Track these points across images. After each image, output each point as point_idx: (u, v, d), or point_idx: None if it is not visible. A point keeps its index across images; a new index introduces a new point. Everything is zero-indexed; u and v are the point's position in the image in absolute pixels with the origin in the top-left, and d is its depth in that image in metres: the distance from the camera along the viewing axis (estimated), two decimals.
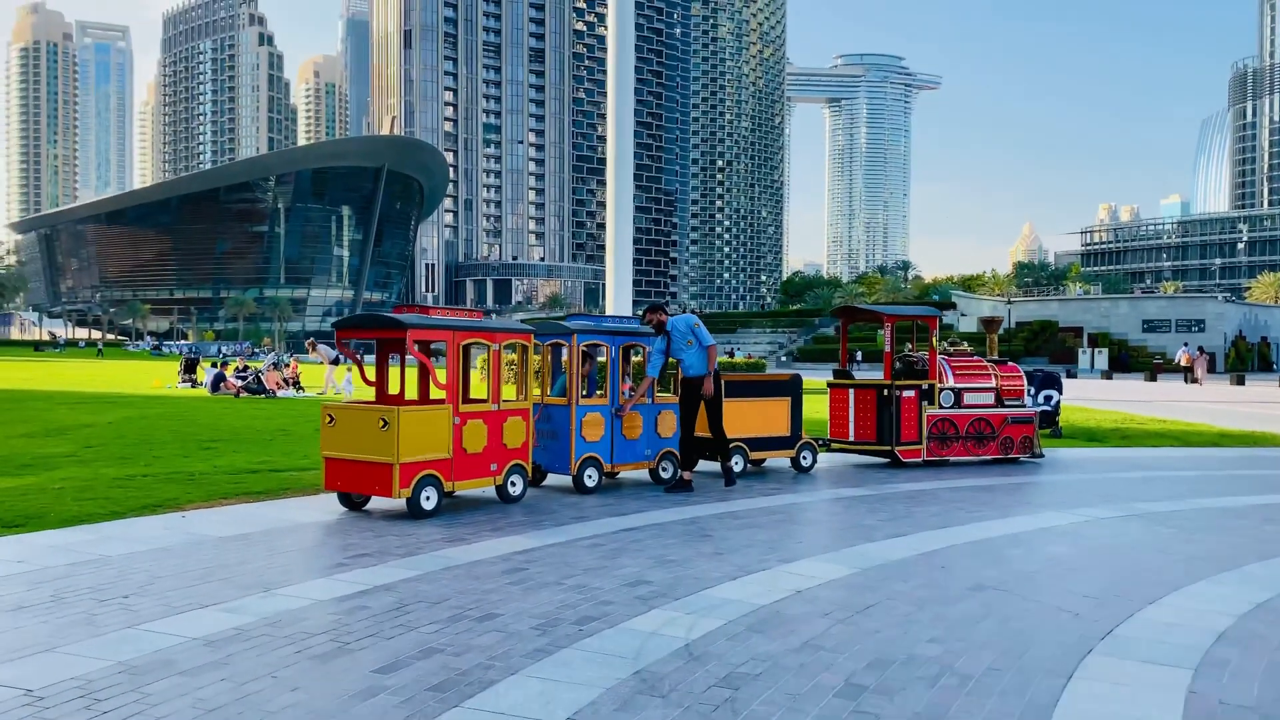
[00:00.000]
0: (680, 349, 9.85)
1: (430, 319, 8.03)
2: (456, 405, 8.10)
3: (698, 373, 9.76)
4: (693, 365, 9.82)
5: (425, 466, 7.85)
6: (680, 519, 7.99)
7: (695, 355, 9.81)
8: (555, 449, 9.36)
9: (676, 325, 9.94)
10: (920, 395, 11.73)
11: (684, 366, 9.92)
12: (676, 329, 9.89)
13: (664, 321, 9.96)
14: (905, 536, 7.37)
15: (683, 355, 9.86)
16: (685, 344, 9.82)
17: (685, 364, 9.88)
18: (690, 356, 9.83)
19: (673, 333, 9.88)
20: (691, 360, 9.83)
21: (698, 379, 9.80)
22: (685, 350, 9.83)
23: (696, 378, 9.81)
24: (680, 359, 9.91)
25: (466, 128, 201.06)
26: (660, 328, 9.91)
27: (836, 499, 9.22)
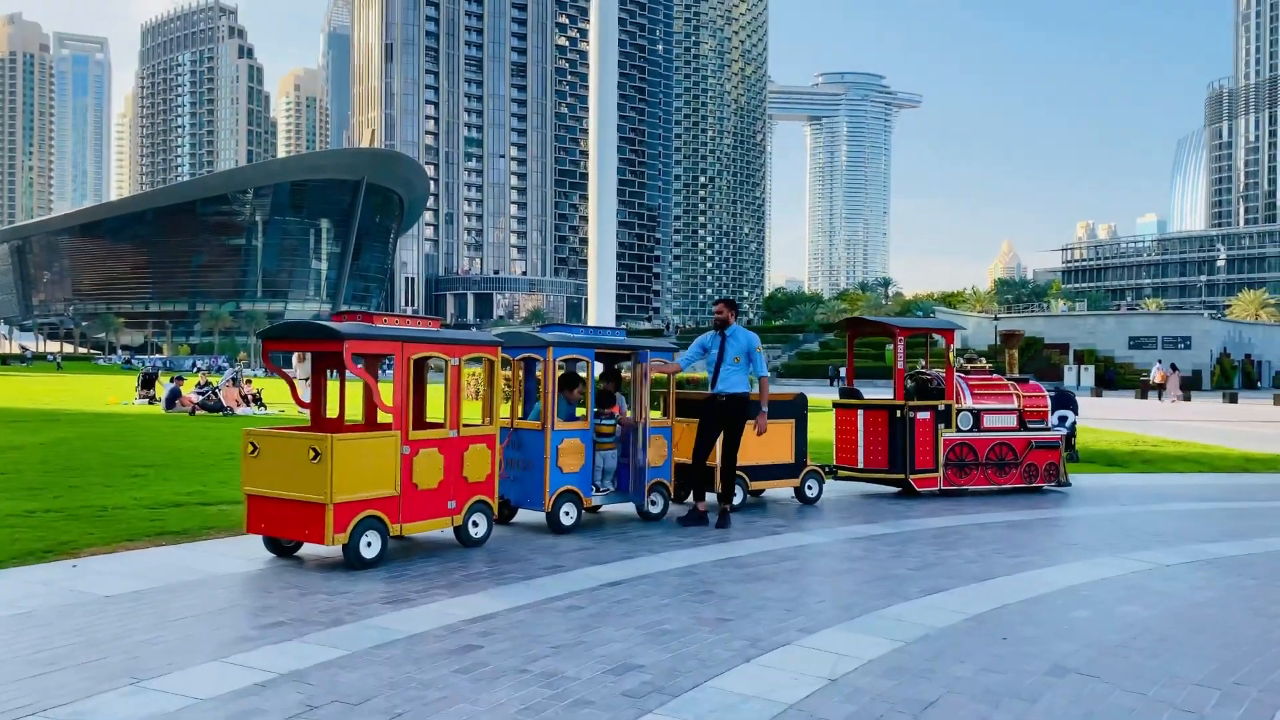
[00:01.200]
0: (725, 362, 8.69)
1: (373, 328, 6.73)
2: (406, 431, 6.79)
3: (733, 389, 8.64)
4: (729, 384, 8.66)
5: (366, 506, 6.52)
6: (673, 568, 6.69)
7: (737, 375, 8.68)
8: (527, 481, 8.05)
9: (738, 335, 8.79)
10: (936, 417, 10.50)
11: (718, 380, 8.72)
12: (736, 337, 8.75)
13: (728, 321, 8.79)
14: (945, 592, 6.10)
15: (723, 369, 8.70)
16: (734, 360, 8.66)
17: (721, 378, 8.70)
18: (731, 374, 8.68)
19: (730, 339, 8.72)
20: (730, 379, 8.67)
21: (731, 399, 8.62)
22: (730, 366, 8.68)
23: (730, 396, 8.62)
24: (718, 372, 8.75)
25: (448, 141, 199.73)
26: (721, 326, 8.77)
27: (852, 540, 7.95)
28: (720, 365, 8.75)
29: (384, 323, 6.91)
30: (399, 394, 6.77)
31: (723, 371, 8.74)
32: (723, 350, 8.76)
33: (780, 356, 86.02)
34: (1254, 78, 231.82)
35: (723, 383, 8.72)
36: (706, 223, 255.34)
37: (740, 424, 8.69)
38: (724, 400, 8.67)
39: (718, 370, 8.74)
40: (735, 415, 8.69)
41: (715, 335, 8.86)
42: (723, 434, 8.71)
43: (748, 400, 8.73)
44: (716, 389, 8.73)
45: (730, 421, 8.67)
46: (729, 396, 8.66)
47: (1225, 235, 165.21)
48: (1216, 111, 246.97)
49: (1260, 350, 77.54)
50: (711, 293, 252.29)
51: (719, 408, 8.69)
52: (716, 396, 8.72)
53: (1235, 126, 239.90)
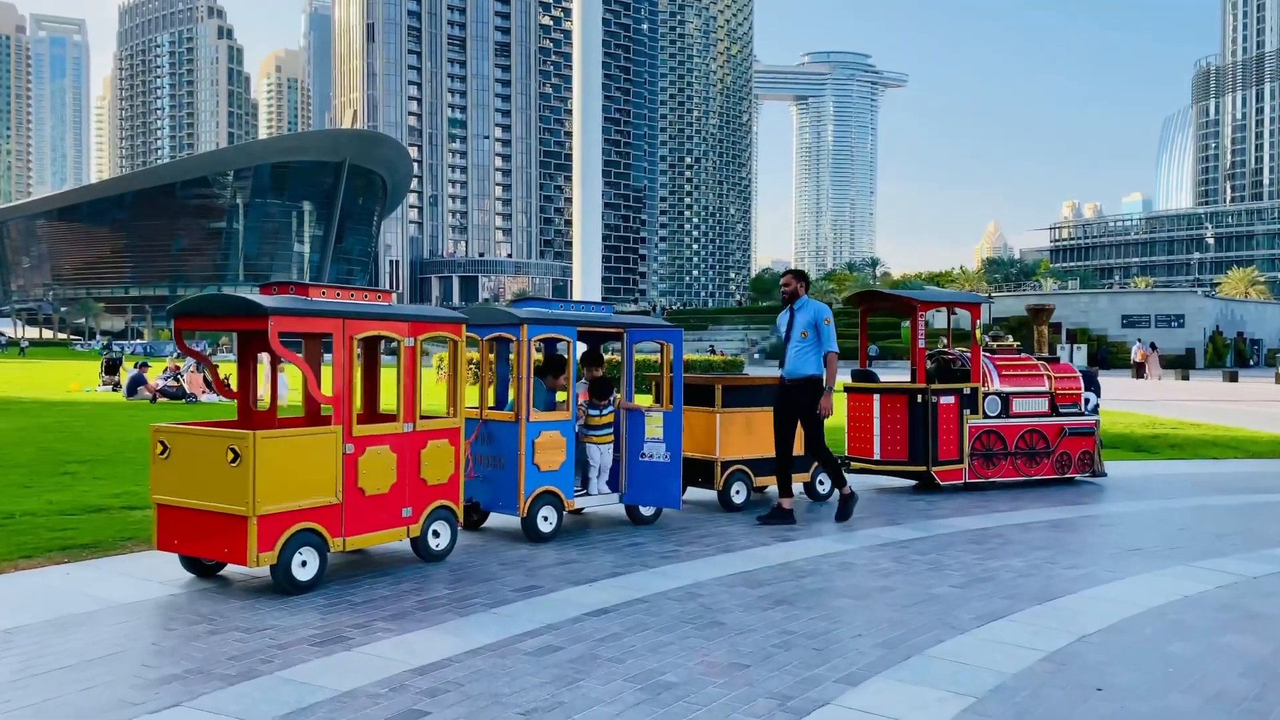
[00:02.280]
0: (793, 339, 7.78)
1: (305, 302, 5.55)
2: (348, 426, 5.63)
3: (799, 373, 7.74)
4: (796, 365, 7.76)
5: (299, 517, 5.37)
6: (673, 589, 5.56)
7: (805, 354, 7.74)
8: (499, 481, 6.90)
9: (807, 307, 7.84)
10: (960, 402, 9.39)
11: (785, 360, 7.84)
12: (804, 310, 7.82)
13: (798, 293, 7.87)
14: (1006, 619, 4.99)
15: (790, 348, 7.81)
16: (800, 335, 7.73)
17: (788, 358, 7.81)
18: (799, 352, 7.76)
19: (798, 312, 7.81)
20: (797, 359, 7.77)
21: (796, 384, 7.74)
22: (797, 343, 7.77)
23: (799, 380, 7.73)
24: (785, 351, 7.86)
25: (431, 122, 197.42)
26: (790, 299, 7.87)
27: (879, 547, 6.83)
28: (788, 343, 7.88)
29: (322, 296, 5.74)
30: (339, 381, 5.61)
31: (790, 350, 7.82)
32: (791, 326, 7.86)
33: (769, 337, 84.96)
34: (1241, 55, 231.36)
35: (790, 363, 7.81)
36: (693, 204, 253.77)
37: (814, 408, 7.74)
38: (789, 386, 7.80)
39: (786, 349, 7.85)
40: (807, 400, 7.73)
41: (786, 311, 7.97)
42: (800, 423, 7.81)
43: (819, 383, 7.74)
44: (785, 371, 7.85)
45: (803, 408, 7.75)
46: (794, 382, 7.77)
47: (1212, 213, 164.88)
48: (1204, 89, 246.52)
49: (1252, 328, 76.91)
50: (698, 274, 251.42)
51: (785, 394, 7.82)
52: (783, 381, 7.86)
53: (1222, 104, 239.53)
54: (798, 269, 8.23)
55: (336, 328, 5.59)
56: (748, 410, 8.23)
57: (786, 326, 7.89)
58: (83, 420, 16.21)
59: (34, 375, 36.21)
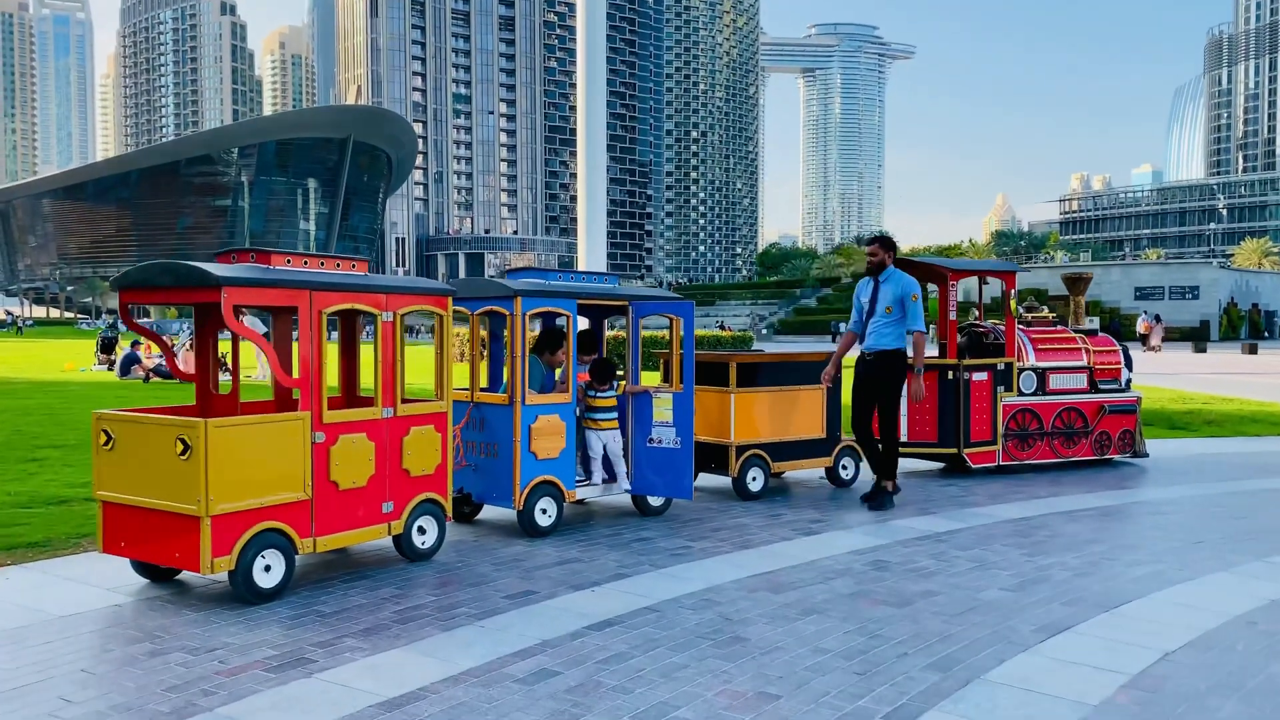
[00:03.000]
0: (876, 313, 7.25)
1: (266, 271, 4.88)
2: (318, 412, 4.97)
3: (880, 346, 7.22)
4: (878, 339, 7.24)
5: (261, 516, 4.72)
6: (686, 594, 4.90)
7: (889, 328, 7.21)
8: (492, 470, 6.24)
9: (893, 279, 7.27)
10: (994, 378, 8.70)
11: (867, 335, 7.32)
12: (890, 283, 7.26)
13: (885, 264, 7.32)
14: (1071, 631, 4.33)
15: (873, 322, 7.28)
16: (884, 310, 7.20)
17: (870, 332, 7.30)
18: (882, 327, 7.23)
19: (884, 284, 7.27)
20: (879, 333, 7.24)
21: (879, 358, 7.23)
22: (881, 318, 7.23)
23: (878, 355, 7.23)
24: (867, 325, 7.34)
25: (436, 98, 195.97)
26: (877, 270, 7.33)
27: (914, 541, 6.16)
28: (871, 317, 7.27)
29: (287, 264, 5.05)
30: (306, 360, 4.94)
31: (872, 324, 7.27)
32: (874, 299, 7.29)
33: (776, 313, 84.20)
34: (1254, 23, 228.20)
35: (871, 337, 7.28)
36: (699, 178, 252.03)
37: (895, 387, 7.25)
38: (870, 360, 7.25)
39: (867, 322, 7.29)
40: (886, 377, 7.22)
41: (868, 281, 7.39)
42: (878, 401, 7.28)
43: (902, 358, 7.23)
44: (865, 345, 7.33)
45: (881, 385, 7.23)
46: (876, 355, 7.22)
47: (1224, 184, 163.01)
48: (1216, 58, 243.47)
49: (1268, 299, 75.84)
50: (704, 249, 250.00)
51: (867, 368, 7.29)
52: (863, 355, 7.31)
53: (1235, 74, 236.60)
54: (885, 235, 7.56)
55: (302, 300, 4.91)
56: (765, 390, 7.55)
57: (870, 298, 7.33)
58: (68, 402, 15.60)
59: (31, 355, 35.67)
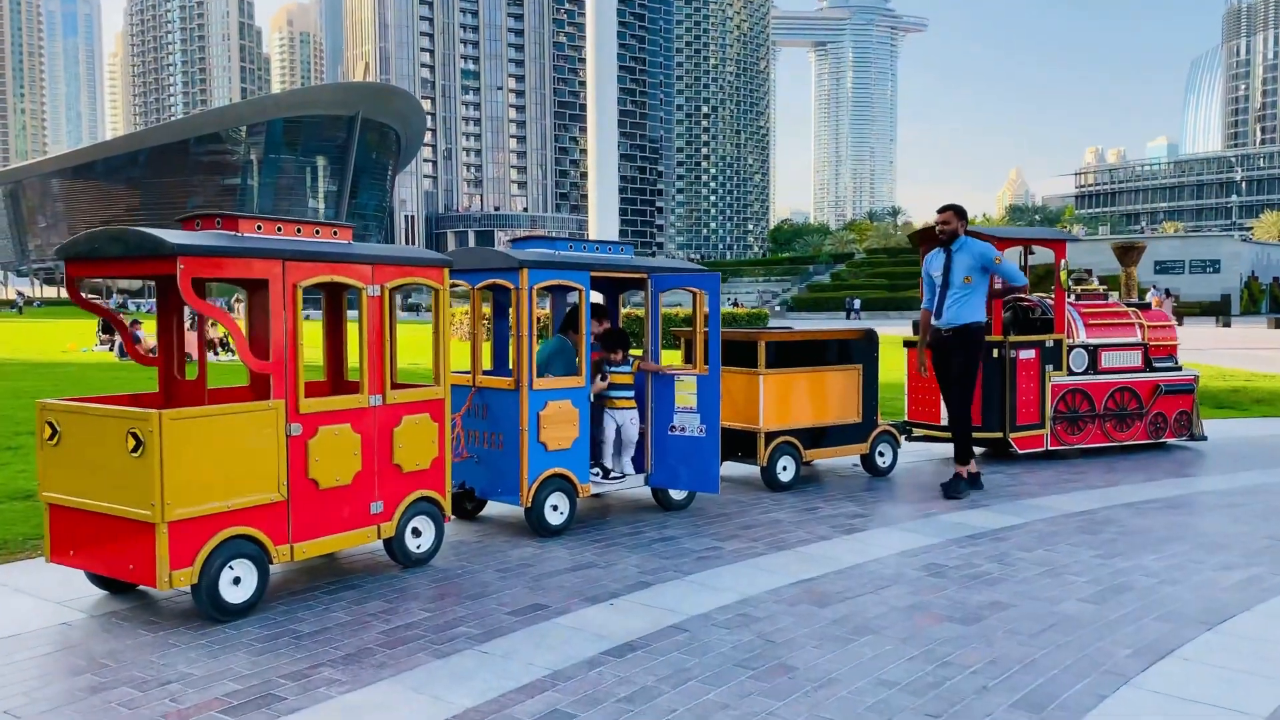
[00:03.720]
0: (953, 284, 6.72)
1: (232, 239, 4.23)
2: (294, 400, 4.33)
3: (960, 321, 6.71)
4: (957, 312, 6.72)
5: (228, 521, 4.09)
6: (718, 606, 4.26)
7: (968, 301, 6.69)
8: (498, 463, 5.61)
9: (968, 247, 6.74)
10: (1042, 356, 8.02)
11: (944, 309, 6.77)
12: (965, 251, 6.73)
13: (958, 233, 6.78)
14: (1175, 657, 3.68)
15: (950, 295, 6.74)
16: (963, 280, 6.68)
17: (947, 306, 6.75)
18: (960, 299, 6.70)
19: (957, 253, 6.73)
20: (958, 306, 6.71)
21: (957, 333, 6.71)
22: (959, 289, 6.70)
23: (956, 330, 6.71)
24: (943, 298, 6.78)
25: (444, 74, 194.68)
26: (948, 239, 6.78)
27: (969, 539, 5.50)
28: (946, 290, 6.73)
29: (257, 231, 4.40)
30: (280, 341, 4.30)
31: (949, 298, 6.72)
32: (949, 269, 6.74)
33: (790, 289, 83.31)
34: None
35: (949, 311, 6.71)
36: (710, 154, 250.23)
37: (973, 364, 6.78)
38: (947, 335, 6.71)
39: (943, 296, 6.76)
40: (964, 353, 6.71)
41: (939, 253, 6.84)
42: (954, 379, 6.81)
43: (982, 333, 6.78)
44: (941, 321, 6.80)
45: (959, 362, 6.71)
46: (954, 330, 6.69)
47: (1242, 156, 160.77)
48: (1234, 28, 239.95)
49: None
50: (715, 226, 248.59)
51: (943, 344, 6.80)
52: (939, 331, 6.76)
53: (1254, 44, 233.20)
54: (956, 204, 6.95)
55: (274, 272, 4.26)
56: (797, 370, 6.89)
57: (943, 270, 6.77)
58: (61, 384, 15.04)
59: (33, 335, 35.20)
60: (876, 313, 62.16)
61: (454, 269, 5.37)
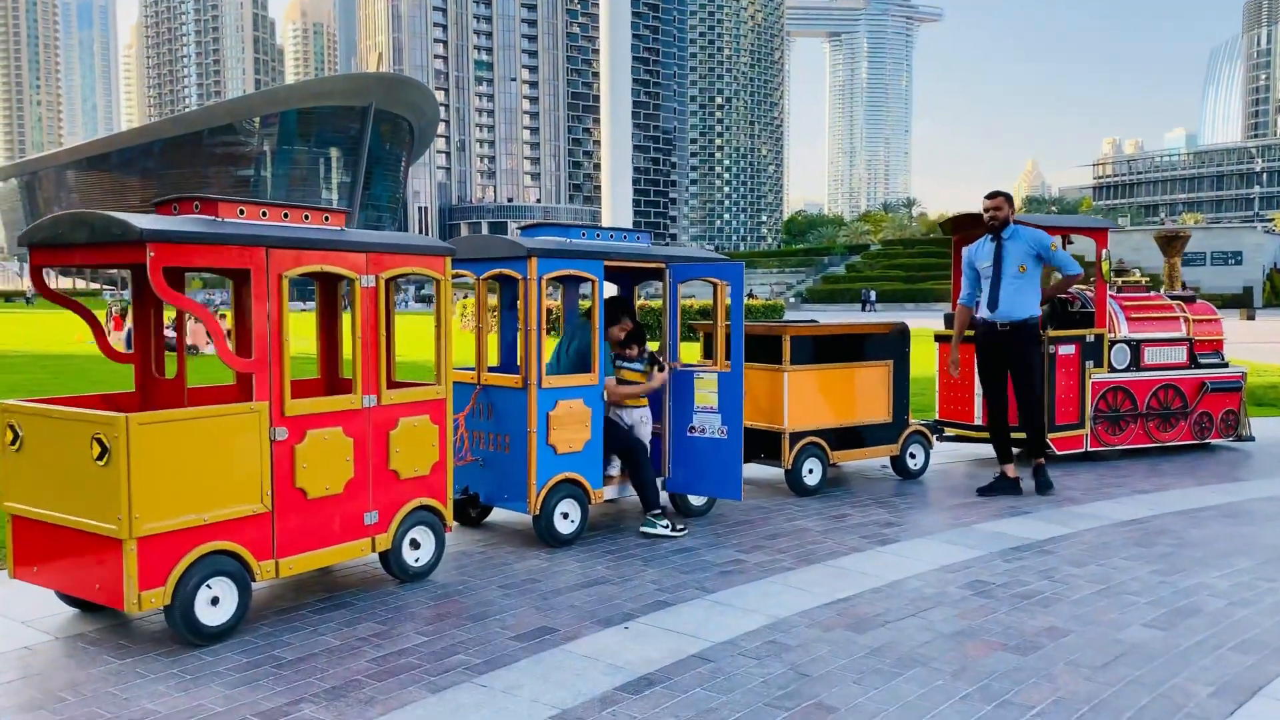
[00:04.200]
0: (1006, 274, 6.33)
1: (209, 224, 3.84)
2: (279, 402, 3.94)
3: (1015, 315, 6.34)
4: (1014, 305, 6.35)
5: (205, 536, 3.71)
6: (745, 632, 3.86)
7: (1024, 292, 6.34)
8: (504, 466, 5.22)
9: (1020, 235, 6.38)
10: (1082, 352, 7.57)
11: (999, 301, 6.36)
12: (1017, 239, 6.36)
13: (1008, 220, 6.39)
14: (1264, 696, 3.26)
15: (1004, 286, 6.35)
16: (1017, 270, 6.31)
17: (1003, 298, 6.35)
18: (1015, 290, 6.33)
19: (1009, 241, 6.35)
20: (1014, 298, 6.34)
21: (1015, 328, 6.35)
22: (1013, 280, 6.33)
23: (1014, 325, 6.35)
24: (996, 290, 6.36)
25: (458, 65, 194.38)
26: (1000, 226, 6.38)
27: (1013, 550, 5.08)
28: (999, 281, 6.30)
29: (239, 216, 4.00)
30: (263, 336, 3.91)
31: (1003, 290, 6.31)
32: (1000, 258, 6.35)
33: (804, 281, 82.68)
34: None
35: (1006, 303, 6.31)
36: (724, 145, 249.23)
37: (1034, 358, 6.48)
38: (1004, 330, 6.31)
39: (996, 287, 6.33)
40: (1025, 348, 6.39)
41: (986, 242, 6.45)
42: (1012, 376, 6.44)
43: (1039, 327, 6.51)
44: (995, 314, 6.40)
45: (1019, 359, 6.38)
46: (1012, 325, 6.31)
47: (1263, 147, 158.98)
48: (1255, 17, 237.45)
49: None
50: (729, 217, 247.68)
51: (999, 340, 6.39)
52: (993, 325, 6.36)
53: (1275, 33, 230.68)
54: (1004, 190, 6.58)
55: (256, 261, 3.87)
56: (823, 367, 6.47)
57: (993, 260, 6.38)
58: (63, 377, 14.74)
59: (43, 326, 35.05)
60: (893, 305, 61.58)
61: (457, 258, 4.97)
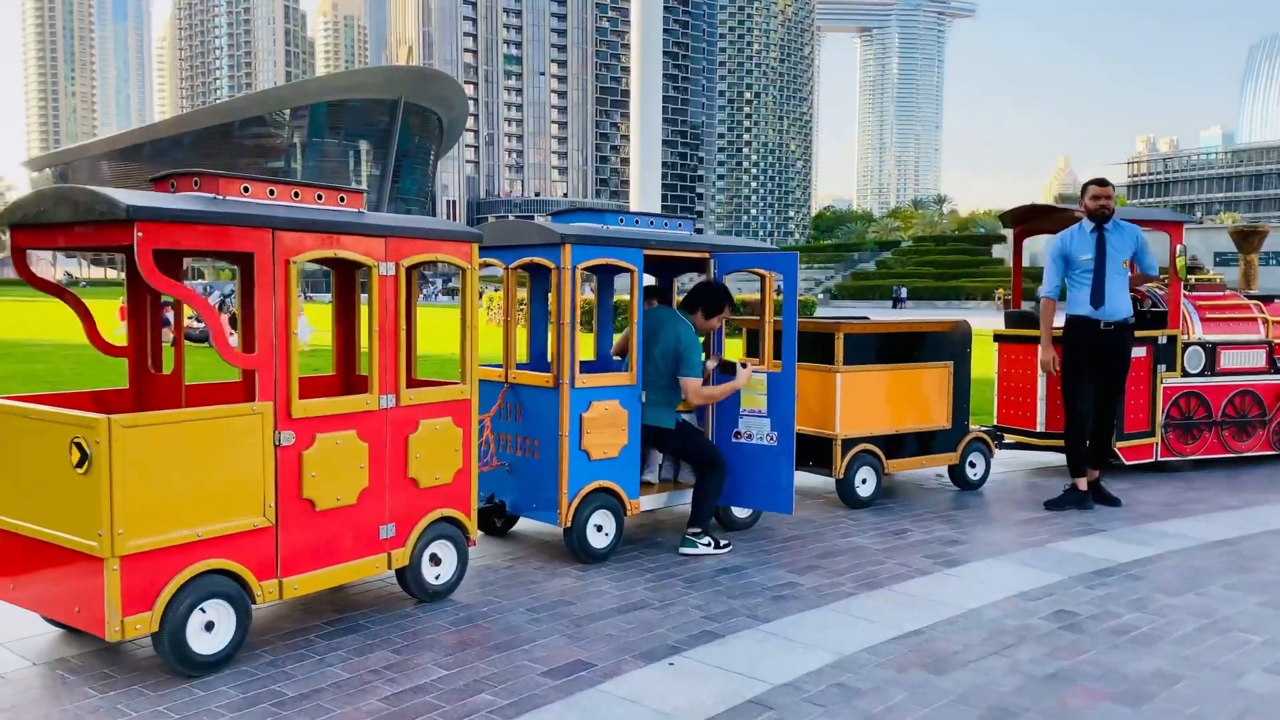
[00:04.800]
0: (1110, 269, 5.86)
1: (209, 203, 3.41)
2: (284, 403, 3.51)
3: (1123, 314, 5.91)
4: (1122, 302, 5.91)
5: (199, 553, 3.28)
6: (806, 673, 3.38)
7: (1123, 288, 5.90)
8: (533, 473, 4.77)
9: (1123, 228, 5.96)
10: (1153, 355, 7.04)
11: (1105, 297, 5.85)
12: (1120, 232, 5.92)
13: (1110, 212, 5.91)
14: None
15: (1109, 281, 5.86)
16: (1121, 265, 5.89)
17: (1108, 294, 5.86)
18: (1122, 286, 5.90)
19: (1111, 233, 5.88)
20: (1119, 296, 5.89)
21: (1120, 328, 5.91)
22: (1117, 275, 5.88)
23: (1123, 324, 5.92)
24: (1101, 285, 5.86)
25: (487, 59, 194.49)
26: (1101, 218, 5.89)
27: (1095, 575, 4.58)
28: (1104, 275, 5.81)
29: (244, 194, 3.57)
30: (268, 328, 3.48)
31: (1109, 285, 5.82)
32: (1103, 252, 5.84)
33: (834, 277, 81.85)
34: None
35: (1111, 300, 5.83)
36: (752, 140, 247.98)
37: (1127, 362, 6.06)
38: (1109, 331, 5.84)
39: (1101, 282, 5.84)
40: (1125, 350, 6.00)
41: (1084, 231, 5.95)
42: (1105, 380, 6.03)
43: (1134, 329, 6.14)
44: (1099, 311, 5.87)
45: (1121, 360, 5.98)
46: (1118, 324, 5.94)
47: None
48: None
49: None
50: (756, 213, 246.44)
51: (1102, 340, 5.89)
52: (1094, 324, 5.91)
53: None
54: (1103, 179, 6.09)
55: (261, 244, 3.44)
56: (879, 368, 5.98)
57: (1095, 253, 5.88)
58: (82, 367, 14.46)
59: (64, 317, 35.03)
60: (923, 302, 60.74)
61: (485, 245, 4.53)
